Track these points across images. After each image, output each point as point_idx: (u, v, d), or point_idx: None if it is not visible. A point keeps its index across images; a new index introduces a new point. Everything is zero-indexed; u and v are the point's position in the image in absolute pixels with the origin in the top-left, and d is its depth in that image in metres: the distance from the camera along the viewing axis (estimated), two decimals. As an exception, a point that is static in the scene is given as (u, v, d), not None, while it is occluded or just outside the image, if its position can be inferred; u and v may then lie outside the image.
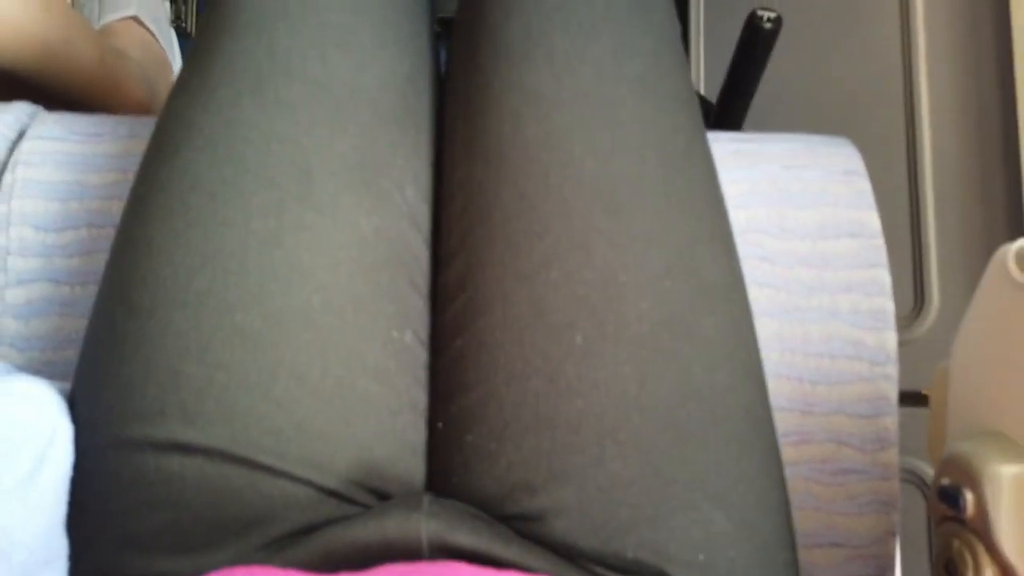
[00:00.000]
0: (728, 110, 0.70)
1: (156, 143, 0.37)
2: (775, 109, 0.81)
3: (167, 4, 0.96)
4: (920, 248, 0.66)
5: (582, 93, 0.37)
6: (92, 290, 0.43)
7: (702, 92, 0.94)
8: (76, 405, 0.34)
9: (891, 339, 0.44)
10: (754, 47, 0.66)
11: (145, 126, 0.46)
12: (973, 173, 0.64)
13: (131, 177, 0.45)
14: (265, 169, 0.34)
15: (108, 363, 0.33)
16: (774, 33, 0.65)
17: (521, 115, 0.37)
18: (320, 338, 0.33)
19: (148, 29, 0.90)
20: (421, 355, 0.37)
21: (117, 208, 0.43)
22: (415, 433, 0.36)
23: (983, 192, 0.63)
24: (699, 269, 0.35)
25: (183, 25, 0.97)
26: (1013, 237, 0.62)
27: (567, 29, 0.38)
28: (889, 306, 0.44)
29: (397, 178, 0.38)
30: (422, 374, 0.37)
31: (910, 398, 0.52)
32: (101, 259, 0.43)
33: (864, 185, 0.48)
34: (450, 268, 0.38)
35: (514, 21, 0.39)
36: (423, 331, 0.38)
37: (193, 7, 0.97)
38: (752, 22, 0.65)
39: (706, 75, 0.97)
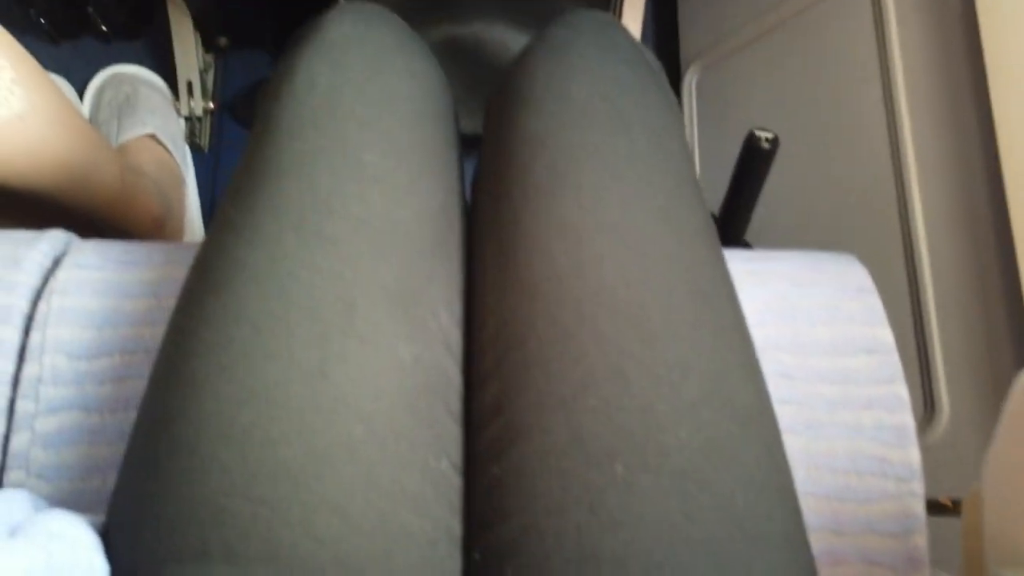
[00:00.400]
0: (730, 225, 0.73)
1: (199, 277, 0.38)
2: (772, 222, 0.84)
3: (182, 122, 1.00)
4: (926, 355, 0.67)
5: (610, 225, 0.39)
6: (121, 417, 0.43)
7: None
8: (112, 542, 0.33)
9: (915, 455, 0.44)
10: (753, 166, 0.70)
11: (178, 252, 0.47)
12: (971, 275, 0.66)
13: (164, 303, 0.46)
14: (309, 302, 0.35)
15: (148, 499, 0.33)
16: (772, 152, 0.69)
17: (551, 246, 0.39)
18: (362, 470, 0.33)
19: (164, 146, 0.93)
20: (456, 481, 0.37)
21: (149, 333, 0.44)
22: (452, 563, 0.35)
23: (983, 293, 0.64)
24: (733, 396, 0.36)
25: (197, 141, 1.00)
26: (1016, 336, 0.63)
27: (592, 167, 0.40)
28: (910, 421, 0.45)
29: (432, 305, 0.39)
30: (457, 501, 0.37)
31: (929, 507, 0.52)
32: (132, 385, 0.43)
33: (875, 301, 0.49)
34: (485, 391, 0.39)
35: (540, 161, 0.41)
36: (457, 457, 0.38)
37: (207, 125, 1.01)
38: (751, 142, 0.68)
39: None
